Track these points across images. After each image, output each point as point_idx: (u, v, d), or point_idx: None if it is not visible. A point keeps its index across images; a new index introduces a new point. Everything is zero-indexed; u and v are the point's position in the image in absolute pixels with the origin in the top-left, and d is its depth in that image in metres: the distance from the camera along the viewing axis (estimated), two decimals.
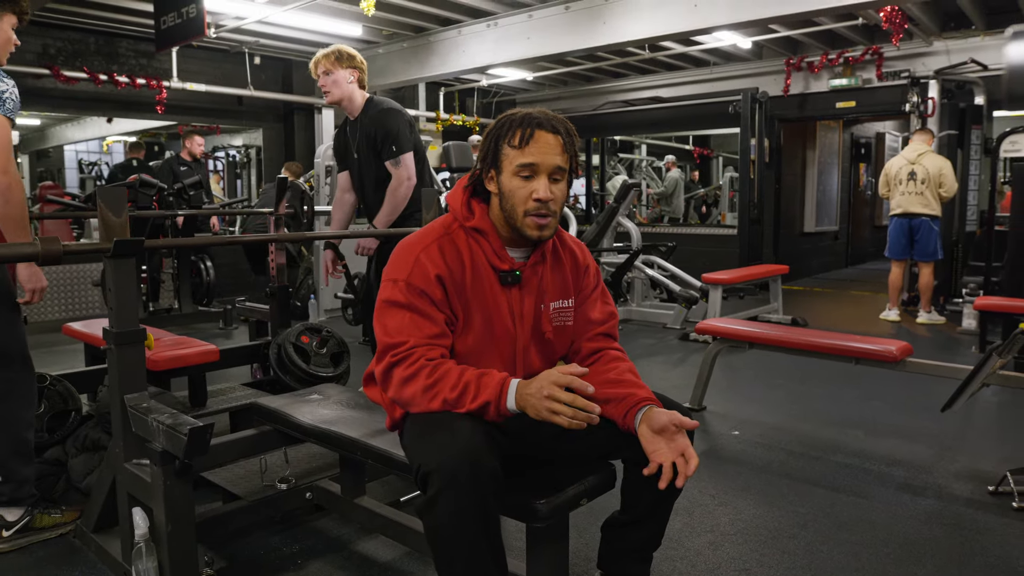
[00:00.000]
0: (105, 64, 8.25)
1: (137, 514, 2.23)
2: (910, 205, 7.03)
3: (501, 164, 1.87)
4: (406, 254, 1.89)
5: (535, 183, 1.84)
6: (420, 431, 1.76)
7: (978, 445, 3.88)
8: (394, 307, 1.84)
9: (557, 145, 1.85)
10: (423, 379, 1.75)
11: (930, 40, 8.28)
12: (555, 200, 1.86)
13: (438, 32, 8.38)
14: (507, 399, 1.71)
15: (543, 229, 1.87)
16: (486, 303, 1.90)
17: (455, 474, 1.59)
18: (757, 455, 3.67)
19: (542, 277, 1.98)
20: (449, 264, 1.87)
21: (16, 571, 2.55)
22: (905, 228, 7.12)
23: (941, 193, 6.96)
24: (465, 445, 1.63)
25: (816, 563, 2.58)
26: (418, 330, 1.81)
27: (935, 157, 7.03)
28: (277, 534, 2.78)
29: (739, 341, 4.09)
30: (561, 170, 1.86)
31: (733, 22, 6.57)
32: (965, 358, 5.37)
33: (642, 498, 1.99)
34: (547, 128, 1.84)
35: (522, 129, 1.84)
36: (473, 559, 1.66)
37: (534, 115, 1.86)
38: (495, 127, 1.90)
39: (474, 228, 1.92)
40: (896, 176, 7.12)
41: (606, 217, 7.35)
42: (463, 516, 1.61)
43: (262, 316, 4.43)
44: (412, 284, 1.83)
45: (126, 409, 2.30)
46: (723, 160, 16.38)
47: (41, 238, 2.13)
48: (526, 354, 1.97)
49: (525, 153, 1.83)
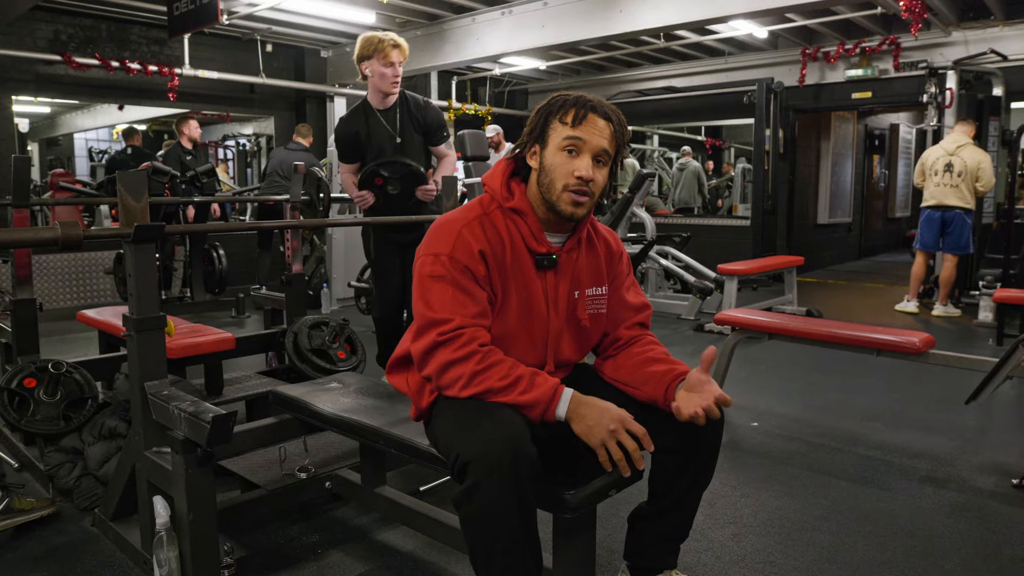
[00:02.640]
0: (117, 51, 8.21)
1: (158, 503, 2.21)
2: (944, 197, 6.85)
3: (547, 138, 1.86)
4: (448, 228, 1.86)
5: (579, 160, 1.82)
6: (456, 419, 1.73)
7: (1000, 438, 3.84)
8: (436, 281, 1.80)
9: (607, 130, 1.84)
10: (473, 364, 1.72)
11: (948, 30, 8.19)
12: (596, 183, 1.84)
13: (452, 20, 8.32)
14: (559, 405, 1.71)
15: (578, 207, 1.85)
16: (522, 285, 1.88)
17: (497, 463, 1.56)
18: (777, 446, 3.64)
19: (577, 263, 1.96)
20: (491, 241, 1.85)
21: (34, 559, 2.53)
22: (937, 221, 6.93)
23: (978, 187, 6.78)
24: (507, 433, 1.60)
25: (841, 555, 2.55)
26: (462, 308, 1.78)
27: (975, 150, 6.83)
28: (296, 523, 2.76)
29: (759, 332, 4.05)
30: (607, 154, 1.84)
31: (750, 10, 6.52)
32: (983, 350, 5.33)
33: (670, 489, 1.96)
34: (600, 113, 1.83)
35: (576, 108, 1.83)
36: (512, 550, 1.63)
37: (588, 98, 1.85)
38: (547, 104, 1.88)
39: (513, 208, 1.89)
40: (932, 167, 6.94)
41: (620, 207, 7.30)
42: (504, 506, 1.58)
43: (277, 304, 4.41)
44: (455, 258, 1.80)
45: (146, 397, 2.28)
46: (735, 151, 16.28)
47: (61, 223, 2.10)
48: (558, 340, 1.95)
49: (577, 129, 1.81)
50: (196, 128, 7.57)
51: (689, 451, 1.88)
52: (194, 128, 7.54)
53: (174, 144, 7.74)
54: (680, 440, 1.87)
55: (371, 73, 3.77)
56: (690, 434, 1.85)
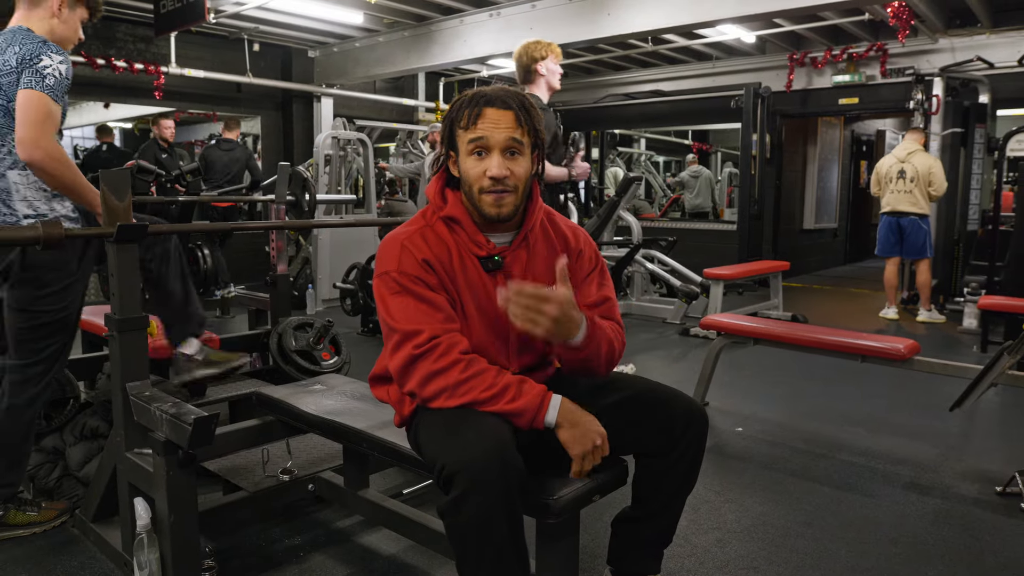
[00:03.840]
0: (103, 48, 8.16)
1: (139, 504, 2.19)
2: (899, 204, 7.03)
3: (457, 147, 1.84)
4: (391, 245, 1.85)
5: (488, 160, 1.80)
6: (441, 428, 1.70)
7: (983, 445, 3.87)
8: (395, 296, 1.79)
9: (509, 119, 1.79)
10: (456, 374, 1.70)
11: (935, 37, 8.24)
12: (513, 175, 1.81)
13: (439, 21, 8.31)
14: (548, 412, 1.70)
15: (501, 206, 1.82)
16: (476, 291, 1.86)
17: (484, 474, 1.55)
18: (761, 452, 3.64)
19: (529, 261, 1.93)
20: (434, 250, 1.84)
21: (15, 562, 2.50)
22: (894, 226, 7.11)
23: (930, 192, 6.95)
24: (494, 443, 1.59)
25: (824, 562, 2.56)
26: (427, 317, 1.76)
27: (925, 156, 7.01)
28: (279, 526, 2.75)
29: (744, 337, 4.05)
30: (518, 142, 1.81)
31: (738, 15, 6.53)
32: (967, 357, 5.35)
33: (655, 493, 1.96)
34: (497, 104, 1.80)
35: (470, 109, 1.80)
36: (500, 560, 1.62)
37: (484, 91, 1.83)
38: (449, 110, 1.87)
39: (448, 217, 1.87)
40: (886, 175, 7.13)
41: (607, 210, 7.30)
42: (492, 517, 1.57)
43: (261, 305, 4.38)
44: (403, 271, 1.80)
45: (128, 398, 2.26)
46: (722, 155, 16.33)
47: (43, 222, 2.09)
48: (520, 341, 1.91)
49: (474, 131, 1.79)
50: (167, 128, 7.56)
51: (673, 456, 1.88)
52: (165, 128, 7.52)
53: (150, 142, 7.70)
54: (664, 444, 1.87)
55: (546, 71, 4.06)
56: (674, 438, 1.85)
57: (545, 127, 3.94)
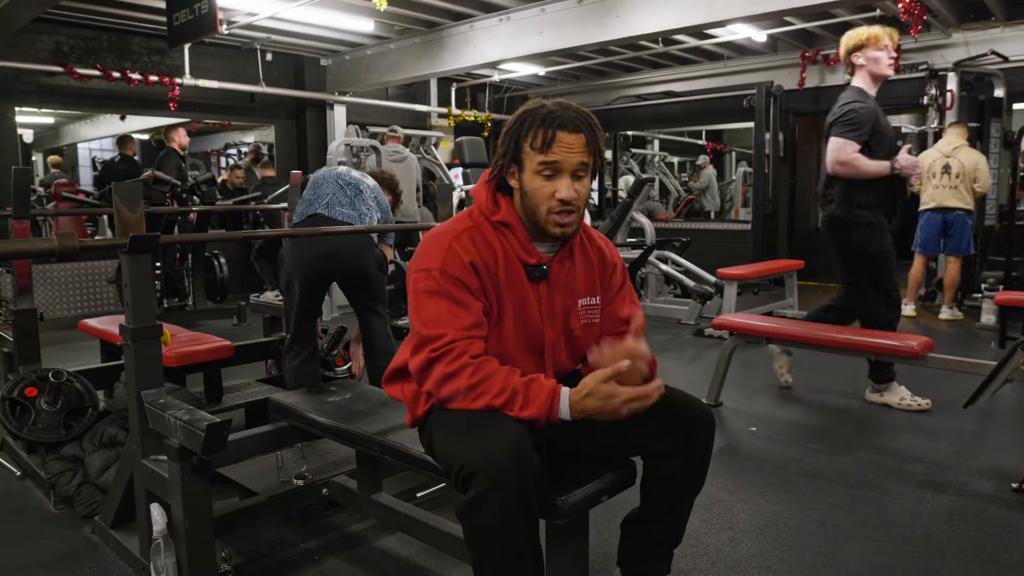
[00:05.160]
0: (118, 61, 8.25)
1: (155, 510, 2.22)
2: (944, 199, 6.83)
3: (523, 162, 1.84)
4: (438, 242, 1.85)
5: (557, 183, 1.81)
6: (458, 428, 1.72)
7: (998, 442, 3.84)
8: (430, 296, 1.80)
9: (580, 144, 1.80)
10: (465, 378, 1.71)
11: (949, 31, 8.18)
12: (579, 197, 1.83)
13: (450, 27, 8.34)
14: (559, 410, 1.70)
15: (566, 227, 1.85)
16: (515, 296, 1.88)
17: (503, 473, 1.56)
18: (775, 451, 3.64)
19: (569, 272, 1.96)
20: (482, 253, 1.85)
21: (35, 568, 2.55)
22: (939, 222, 6.91)
23: (975, 188, 6.78)
24: (512, 443, 1.60)
25: (838, 561, 2.55)
26: (455, 320, 1.77)
27: (971, 152, 6.84)
28: (294, 530, 2.78)
29: (757, 337, 4.05)
30: (584, 165, 1.83)
31: (749, 14, 6.50)
32: (985, 353, 5.31)
33: (662, 494, 1.96)
34: (569, 128, 1.79)
35: (544, 131, 1.79)
36: (521, 560, 1.63)
37: (556, 113, 1.80)
38: (515, 125, 1.86)
39: (500, 222, 1.89)
40: (930, 169, 6.91)
41: (620, 212, 7.32)
42: (511, 516, 1.58)
43: (276, 312, 4.42)
44: (447, 272, 1.80)
45: (143, 405, 2.30)
46: (736, 155, 16.28)
47: (57, 234, 2.13)
48: (555, 350, 1.94)
49: (548, 154, 1.79)
50: (184, 136, 7.66)
51: (680, 457, 1.89)
52: (183, 136, 7.62)
53: (169, 151, 7.78)
54: (671, 446, 1.88)
55: (865, 60, 4.01)
56: (681, 440, 1.86)
57: (862, 119, 3.85)
